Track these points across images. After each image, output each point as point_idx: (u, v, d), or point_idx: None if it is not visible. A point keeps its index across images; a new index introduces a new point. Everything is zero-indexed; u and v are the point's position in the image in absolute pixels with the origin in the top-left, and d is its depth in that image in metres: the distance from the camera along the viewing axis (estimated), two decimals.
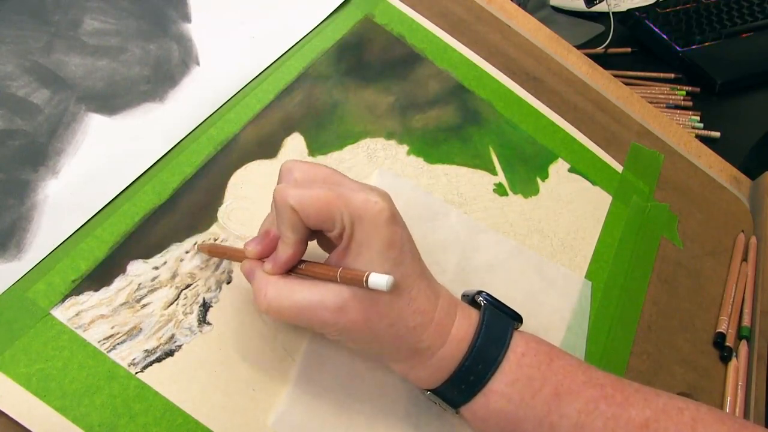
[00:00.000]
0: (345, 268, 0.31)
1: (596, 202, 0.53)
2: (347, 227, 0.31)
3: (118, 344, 0.33)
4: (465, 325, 0.34)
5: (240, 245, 0.38)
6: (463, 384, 0.33)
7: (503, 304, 0.36)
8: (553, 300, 0.46)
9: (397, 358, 0.34)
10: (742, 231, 0.60)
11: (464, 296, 0.38)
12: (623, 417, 0.32)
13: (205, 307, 0.35)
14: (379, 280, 0.29)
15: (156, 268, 0.36)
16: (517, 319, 0.36)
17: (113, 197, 0.37)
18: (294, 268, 0.33)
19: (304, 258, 0.33)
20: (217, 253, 0.36)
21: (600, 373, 0.35)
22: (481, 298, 0.36)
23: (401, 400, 0.38)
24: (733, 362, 0.51)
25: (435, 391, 0.35)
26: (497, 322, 0.35)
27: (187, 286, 0.36)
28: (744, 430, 0.33)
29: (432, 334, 0.33)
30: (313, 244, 0.35)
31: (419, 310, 0.32)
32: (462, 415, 0.35)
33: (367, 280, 0.29)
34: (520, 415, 0.33)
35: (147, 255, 0.36)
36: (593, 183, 0.54)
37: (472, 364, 0.33)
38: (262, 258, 0.33)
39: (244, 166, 0.41)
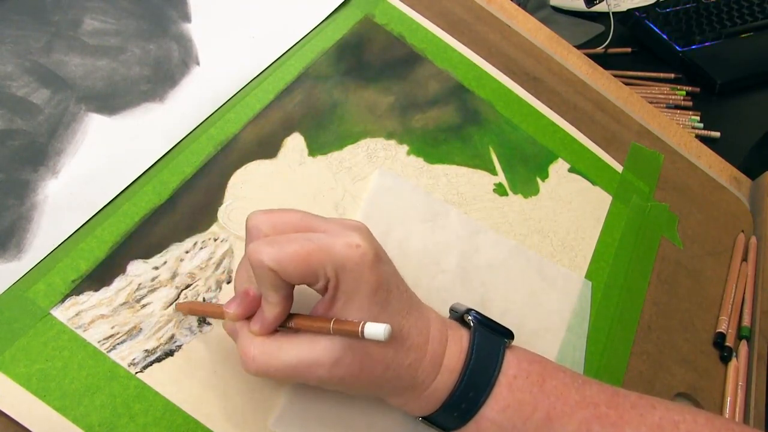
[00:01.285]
0: (338, 319, 0.30)
1: (596, 202, 0.53)
2: (332, 279, 0.29)
3: (118, 344, 0.33)
4: (456, 351, 0.33)
5: (240, 245, 0.38)
6: (455, 411, 0.33)
7: (493, 321, 0.35)
8: (553, 300, 0.46)
9: (393, 395, 0.33)
10: (742, 231, 0.60)
11: (452, 311, 0.37)
12: None
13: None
14: (375, 330, 0.28)
15: (156, 268, 0.36)
16: (508, 335, 0.35)
17: (113, 197, 0.37)
18: (282, 323, 0.31)
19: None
20: (196, 311, 0.34)
21: (595, 388, 0.34)
22: (470, 318, 0.35)
23: None
24: (733, 362, 0.51)
25: (427, 418, 0.34)
26: (487, 345, 0.34)
27: (187, 286, 0.36)
28: None
29: (426, 368, 0.32)
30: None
31: (413, 346, 0.32)
32: None
33: (362, 332, 0.28)
34: None
35: (147, 255, 0.36)
36: (593, 183, 0.54)
37: (463, 392, 0.32)
38: (245, 318, 0.31)
39: (244, 166, 0.41)
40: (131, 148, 0.39)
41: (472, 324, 0.34)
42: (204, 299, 0.36)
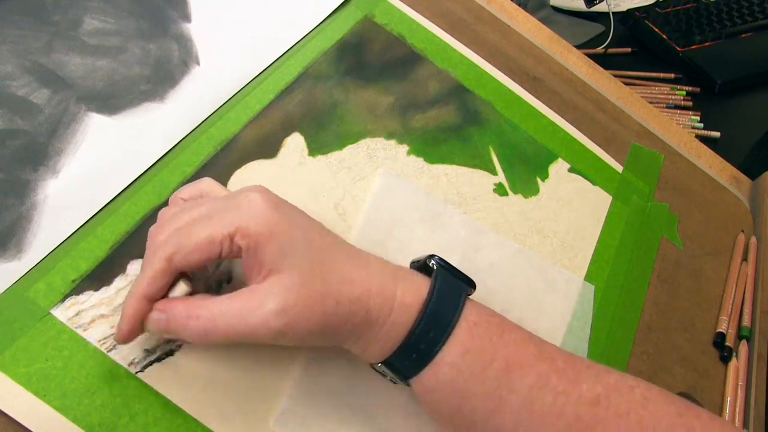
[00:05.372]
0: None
1: (596, 202, 0.53)
2: (238, 242, 0.30)
3: (118, 344, 0.33)
4: (411, 289, 0.32)
5: None
6: (414, 353, 0.32)
7: (456, 269, 0.35)
8: (555, 303, 0.46)
9: (352, 337, 0.32)
10: (742, 231, 0.60)
11: (413, 263, 0.36)
12: (574, 393, 0.32)
13: None
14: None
15: None
16: (470, 284, 0.35)
17: (113, 197, 0.37)
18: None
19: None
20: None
21: (552, 347, 0.34)
22: (432, 262, 0.34)
23: (402, 401, 0.37)
24: (733, 362, 0.51)
25: (385, 362, 0.33)
26: (450, 287, 0.33)
27: None
28: (690, 411, 0.33)
29: (378, 303, 0.31)
30: None
31: (352, 280, 0.31)
32: (412, 388, 0.34)
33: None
34: (469, 388, 0.32)
35: None
36: (593, 183, 0.54)
37: (423, 331, 0.32)
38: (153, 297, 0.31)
39: (244, 166, 0.41)
40: (131, 147, 0.39)
41: (435, 267, 0.34)
42: None
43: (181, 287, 0.31)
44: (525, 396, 0.32)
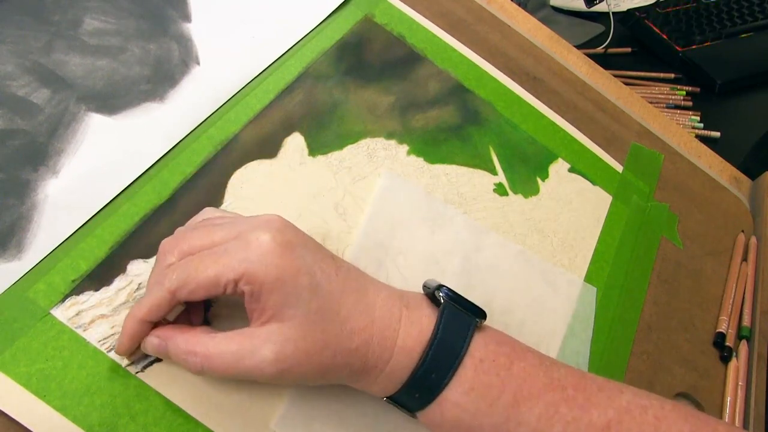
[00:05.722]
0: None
1: (596, 202, 0.53)
2: (242, 286, 0.30)
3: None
4: (414, 333, 0.32)
5: None
6: (417, 392, 0.32)
7: (466, 300, 0.34)
8: (556, 305, 0.46)
9: (351, 380, 0.33)
10: (742, 231, 0.60)
11: (425, 287, 0.36)
12: (584, 420, 0.31)
13: (205, 306, 0.35)
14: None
15: None
16: (480, 315, 0.34)
17: (113, 197, 0.37)
18: None
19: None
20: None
21: (563, 371, 0.34)
22: (441, 294, 0.33)
23: None
24: (733, 362, 0.51)
25: (391, 398, 0.33)
26: (455, 324, 0.33)
27: None
28: (706, 427, 0.32)
29: (376, 351, 0.31)
30: None
31: (355, 330, 0.31)
32: (420, 420, 0.34)
33: None
34: (475, 424, 0.32)
35: (147, 255, 0.36)
36: (593, 183, 0.54)
37: (425, 372, 0.32)
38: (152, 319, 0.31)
39: (244, 166, 0.41)
40: (131, 147, 0.39)
41: (442, 301, 0.33)
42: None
43: (177, 308, 0.32)
44: (534, 427, 0.32)
